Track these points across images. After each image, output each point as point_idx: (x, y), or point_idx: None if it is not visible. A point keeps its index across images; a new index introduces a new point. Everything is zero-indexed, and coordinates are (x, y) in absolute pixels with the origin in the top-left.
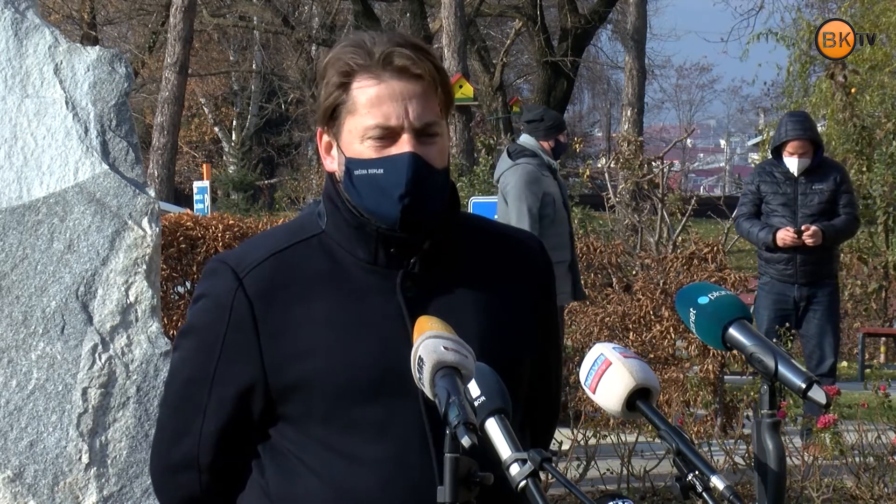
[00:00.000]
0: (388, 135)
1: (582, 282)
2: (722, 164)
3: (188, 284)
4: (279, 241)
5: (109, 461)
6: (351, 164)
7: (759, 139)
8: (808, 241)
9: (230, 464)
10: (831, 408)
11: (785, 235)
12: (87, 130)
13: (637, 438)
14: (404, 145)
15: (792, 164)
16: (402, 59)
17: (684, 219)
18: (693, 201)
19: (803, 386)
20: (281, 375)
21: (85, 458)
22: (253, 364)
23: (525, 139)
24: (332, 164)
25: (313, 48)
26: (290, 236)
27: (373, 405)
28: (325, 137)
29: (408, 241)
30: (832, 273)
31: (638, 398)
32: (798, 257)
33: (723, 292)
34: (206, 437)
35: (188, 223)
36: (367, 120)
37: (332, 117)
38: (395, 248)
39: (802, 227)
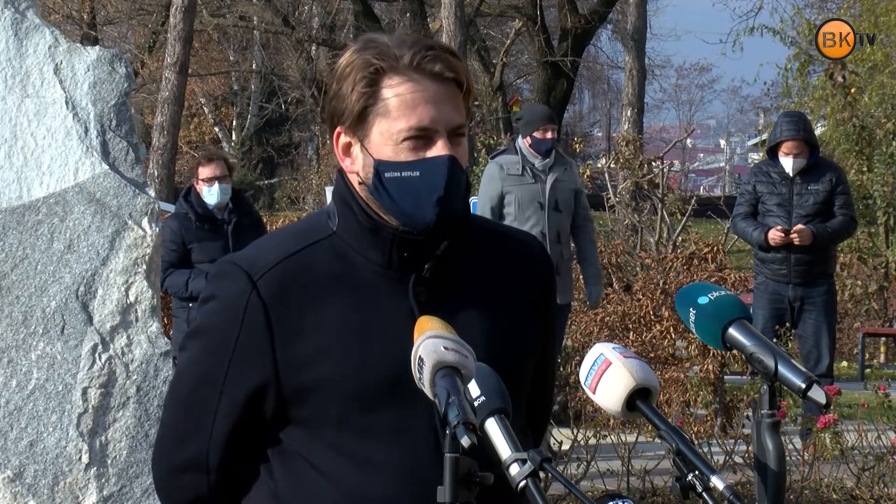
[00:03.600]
0: (423, 137)
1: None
2: (722, 164)
3: None
4: (291, 244)
5: (109, 461)
6: (382, 166)
7: (759, 139)
8: (796, 241)
9: (238, 465)
10: (831, 408)
11: (774, 235)
12: (87, 130)
13: (637, 438)
14: (440, 148)
15: (787, 164)
16: (435, 62)
17: (684, 219)
18: (693, 201)
19: (803, 386)
20: (294, 378)
21: (85, 458)
22: (266, 367)
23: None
24: (353, 165)
25: (313, 48)
26: (300, 239)
27: (385, 409)
28: (345, 138)
29: (423, 245)
30: (827, 273)
31: (638, 398)
32: (792, 257)
33: (723, 292)
34: (216, 439)
35: None
36: (401, 123)
37: (360, 119)
38: (409, 251)
39: (794, 228)
